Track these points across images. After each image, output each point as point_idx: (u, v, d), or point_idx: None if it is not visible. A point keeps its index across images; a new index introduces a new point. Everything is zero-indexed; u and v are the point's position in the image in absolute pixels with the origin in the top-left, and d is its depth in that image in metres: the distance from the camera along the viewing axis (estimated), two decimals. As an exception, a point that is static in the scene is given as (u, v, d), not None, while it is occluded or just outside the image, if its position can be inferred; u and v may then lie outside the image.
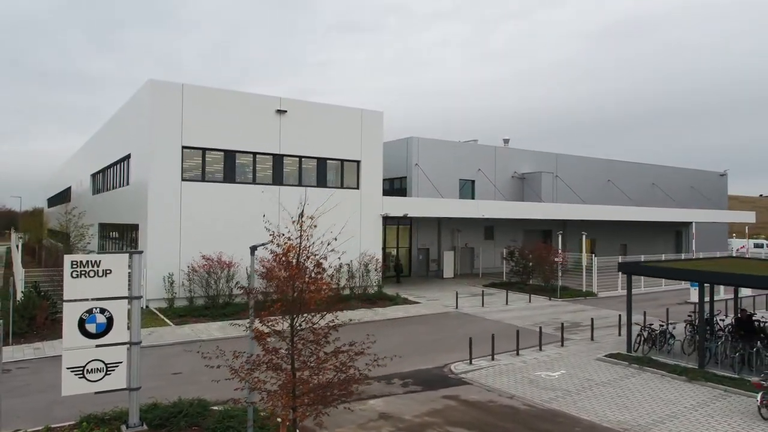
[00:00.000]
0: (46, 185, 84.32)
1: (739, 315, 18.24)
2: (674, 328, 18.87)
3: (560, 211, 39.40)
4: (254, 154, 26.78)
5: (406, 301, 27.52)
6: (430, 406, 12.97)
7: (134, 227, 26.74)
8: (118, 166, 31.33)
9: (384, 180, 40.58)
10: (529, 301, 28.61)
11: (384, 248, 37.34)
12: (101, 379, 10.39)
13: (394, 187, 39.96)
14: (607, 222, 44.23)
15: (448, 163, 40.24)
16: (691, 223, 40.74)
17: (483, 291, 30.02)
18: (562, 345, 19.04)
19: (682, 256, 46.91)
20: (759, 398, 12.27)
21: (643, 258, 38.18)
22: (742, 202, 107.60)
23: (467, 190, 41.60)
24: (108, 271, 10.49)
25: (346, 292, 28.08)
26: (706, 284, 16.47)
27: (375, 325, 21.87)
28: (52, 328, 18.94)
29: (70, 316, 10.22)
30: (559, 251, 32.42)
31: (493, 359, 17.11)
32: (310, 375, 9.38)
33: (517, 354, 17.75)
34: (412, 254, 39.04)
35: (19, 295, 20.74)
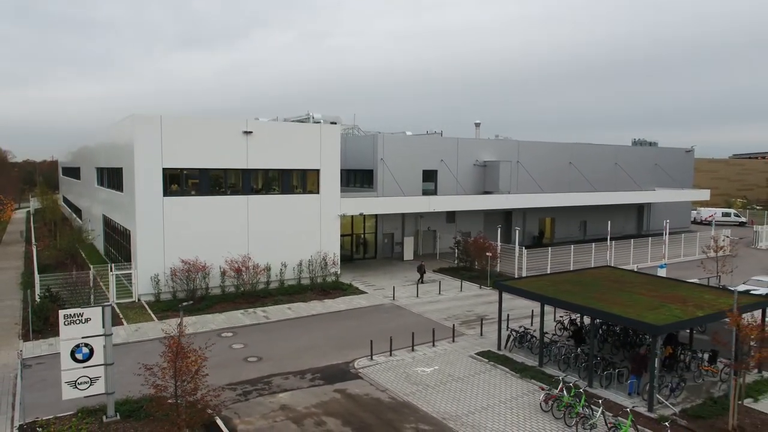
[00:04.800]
0: (63, 145, 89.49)
1: (577, 324, 23.48)
2: (535, 330, 24.07)
3: (509, 202, 44.18)
4: (225, 170, 31.79)
5: (355, 291, 32.96)
6: (321, 399, 18.53)
7: (128, 232, 32.23)
8: (114, 172, 36.54)
9: (355, 171, 45.78)
10: (461, 290, 33.92)
11: (352, 234, 42.79)
12: (88, 388, 16.02)
13: (365, 176, 44.89)
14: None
15: (412, 156, 44.81)
16: (603, 226, 45.07)
17: (424, 280, 35.43)
18: (453, 341, 24.43)
19: (608, 237, 51.48)
20: (542, 397, 17.62)
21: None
22: (730, 165, 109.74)
23: (431, 179, 46.31)
24: (89, 319, 15.93)
25: (306, 282, 33.68)
26: (546, 304, 21.57)
27: (316, 320, 27.45)
28: (62, 325, 24.74)
29: (65, 349, 15.74)
30: (497, 244, 37.60)
31: (390, 355, 22.58)
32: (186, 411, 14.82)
33: (412, 350, 23.20)
34: (378, 238, 44.35)
35: (37, 297, 26.60)
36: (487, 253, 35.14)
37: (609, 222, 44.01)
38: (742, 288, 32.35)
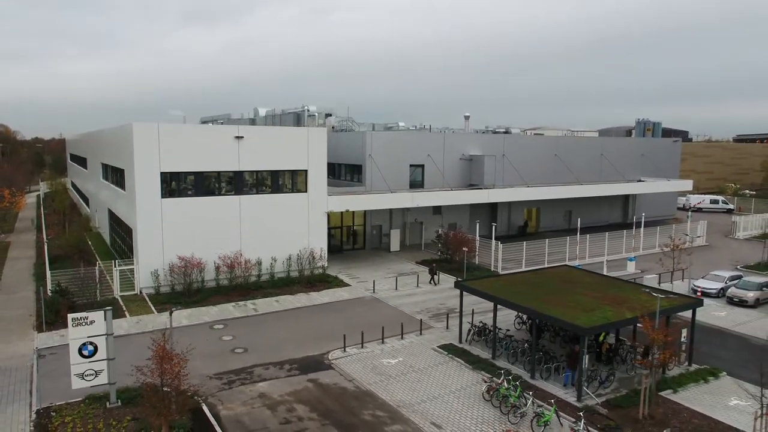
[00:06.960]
0: (71, 123, 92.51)
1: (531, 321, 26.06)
2: (485, 325, 26.62)
3: (491, 196, 46.55)
4: (219, 172, 34.32)
5: (339, 284, 35.67)
6: (294, 388, 21.31)
7: (130, 229, 34.99)
8: (117, 171, 39.17)
9: (345, 165, 48.17)
10: (437, 283, 36.54)
11: (341, 226, 45.41)
12: (93, 379, 18.89)
13: (354, 170, 47.33)
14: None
15: (400, 151, 47.09)
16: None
17: (399, 275, 38.08)
18: (421, 333, 27.11)
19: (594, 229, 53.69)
20: (485, 388, 20.30)
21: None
22: (726, 149, 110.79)
23: (418, 174, 48.66)
24: (93, 321, 18.71)
25: (295, 275, 36.39)
26: (498, 305, 24.15)
27: (301, 312, 30.21)
28: (71, 318, 27.61)
29: (73, 347, 18.55)
30: (476, 238, 40.17)
31: (362, 347, 25.30)
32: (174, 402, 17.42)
33: (383, 342, 25.90)
34: (366, 230, 46.96)
35: (48, 292, 29.52)
36: (464, 248, 37.63)
37: (579, 219, 46.45)
38: (700, 282, 34.81)
